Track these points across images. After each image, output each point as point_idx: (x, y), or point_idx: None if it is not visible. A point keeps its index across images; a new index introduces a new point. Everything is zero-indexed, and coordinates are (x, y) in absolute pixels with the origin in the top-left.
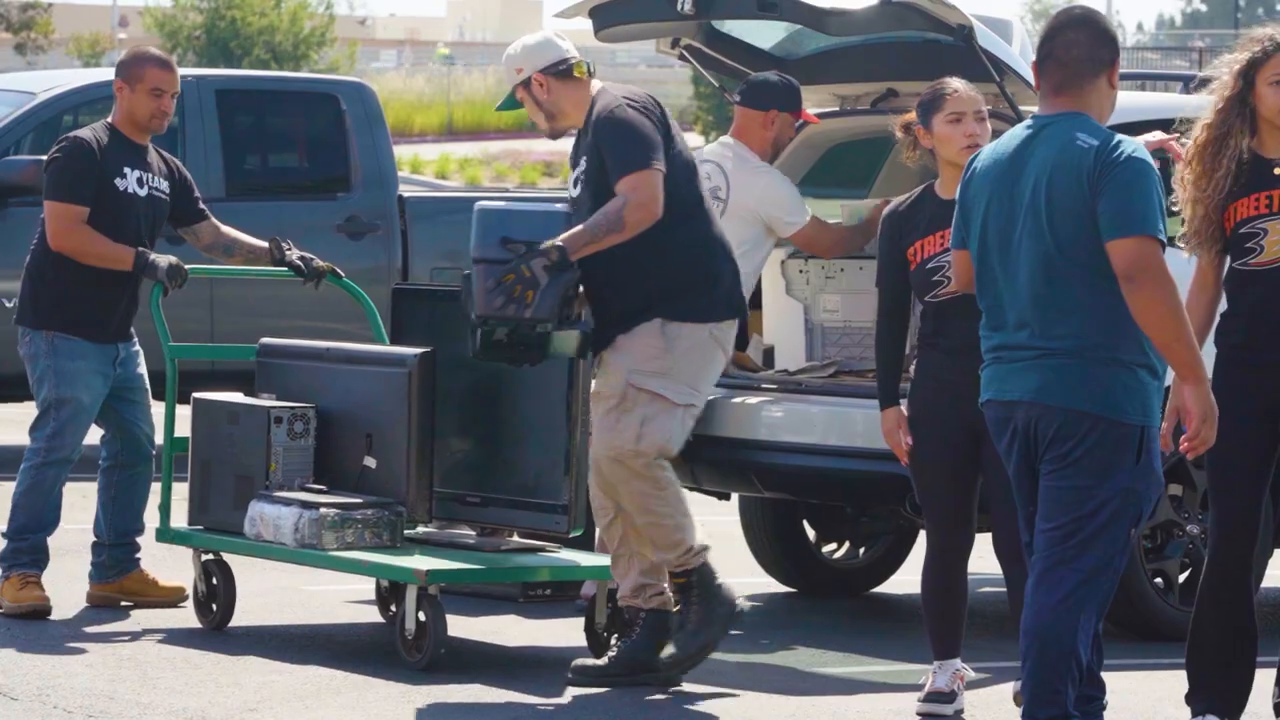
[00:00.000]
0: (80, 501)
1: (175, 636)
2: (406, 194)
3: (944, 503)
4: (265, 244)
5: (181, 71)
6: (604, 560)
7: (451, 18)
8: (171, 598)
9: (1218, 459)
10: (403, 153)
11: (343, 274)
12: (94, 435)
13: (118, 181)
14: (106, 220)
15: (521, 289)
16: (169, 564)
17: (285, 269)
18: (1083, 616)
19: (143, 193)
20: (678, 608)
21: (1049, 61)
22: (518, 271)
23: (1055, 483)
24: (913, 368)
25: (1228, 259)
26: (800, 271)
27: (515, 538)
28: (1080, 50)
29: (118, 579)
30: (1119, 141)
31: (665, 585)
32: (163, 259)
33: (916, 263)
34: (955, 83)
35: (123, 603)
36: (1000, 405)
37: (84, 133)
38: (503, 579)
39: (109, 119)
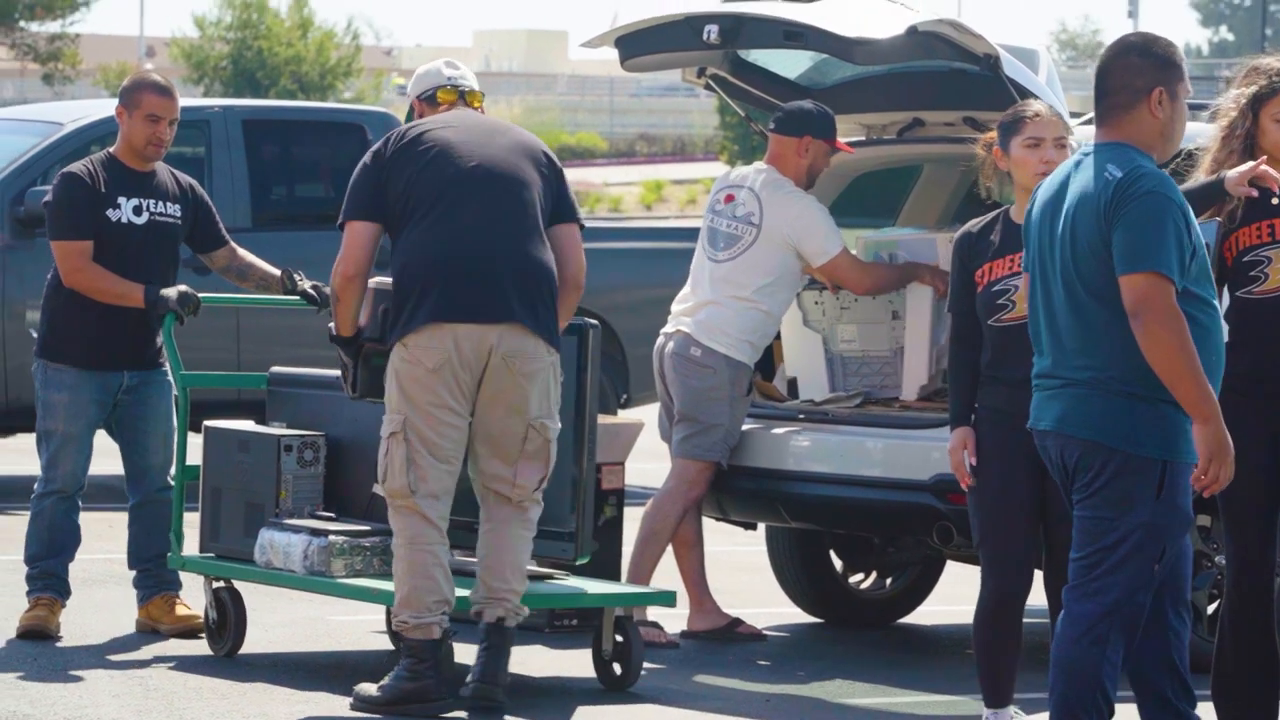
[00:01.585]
0: (108, 531)
1: (202, 665)
2: None
3: (1010, 545)
4: (278, 272)
5: (208, 102)
6: (611, 588)
7: (477, 48)
8: (181, 627)
9: (1227, 491)
10: None
11: None
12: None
13: (110, 213)
14: (98, 251)
15: (342, 375)
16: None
17: (298, 298)
18: (1107, 649)
19: (141, 220)
20: (442, 636)
21: (1095, 92)
22: (339, 360)
23: (1080, 512)
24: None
25: (1226, 290)
26: (816, 303)
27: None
28: (1115, 80)
29: (143, 605)
30: (1142, 175)
31: (425, 617)
32: (172, 290)
33: (983, 285)
34: (1037, 105)
35: (158, 629)
36: (1037, 434)
37: (77, 166)
38: None
39: (110, 148)
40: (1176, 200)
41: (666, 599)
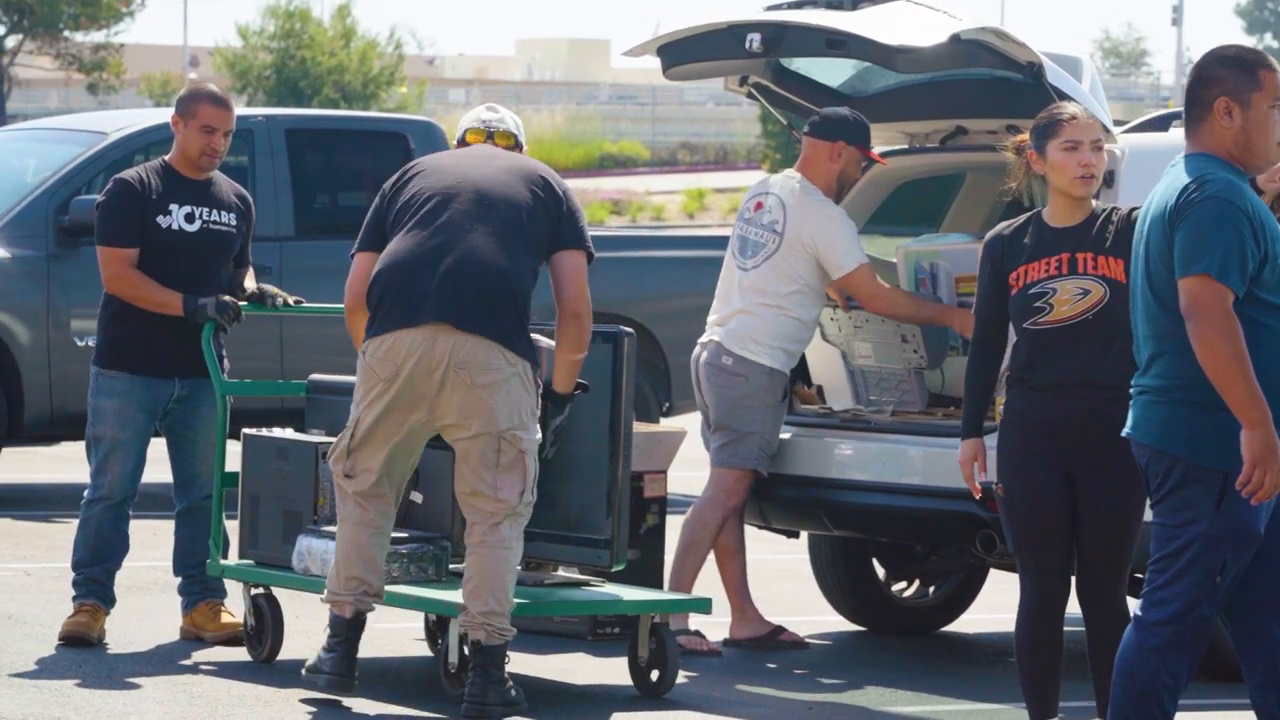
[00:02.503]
0: (153, 539)
1: (244, 672)
2: None
3: (1044, 553)
4: (252, 288)
5: (252, 111)
6: (646, 595)
7: (520, 57)
8: (225, 634)
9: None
10: None
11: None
12: (166, 473)
13: (160, 219)
14: (148, 258)
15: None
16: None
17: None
18: (1168, 658)
19: (193, 228)
20: (353, 616)
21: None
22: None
23: (1153, 519)
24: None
25: None
26: (831, 319)
27: (559, 572)
28: (1191, 91)
29: (187, 612)
30: (1207, 182)
31: (340, 594)
32: (210, 299)
33: (1018, 288)
34: (1073, 108)
35: (201, 636)
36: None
37: (130, 173)
38: (544, 613)
39: (166, 156)
40: (1243, 207)
41: (702, 605)
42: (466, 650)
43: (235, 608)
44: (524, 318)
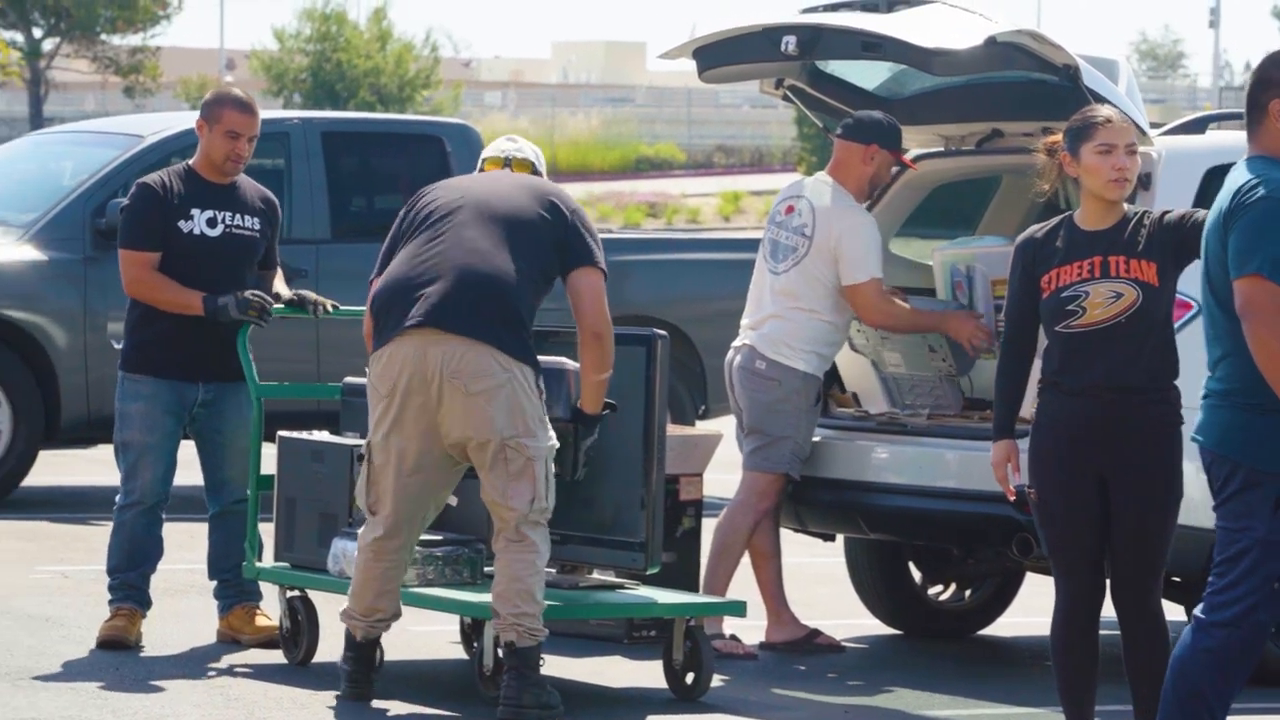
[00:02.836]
0: (189, 541)
1: (281, 674)
2: None
3: (1078, 556)
4: (288, 294)
5: (288, 114)
6: (680, 598)
7: (556, 59)
8: (261, 637)
9: None
10: None
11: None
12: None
13: (182, 224)
14: (170, 262)
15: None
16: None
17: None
18: (1221, 660)
19: (214, 232)
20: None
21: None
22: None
23: (1216, 522)
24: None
25: None
26: (858, 330)
27: (594, 574)
28: (1249, 95)
29: (224, 616)
30: (1261, 183)
31: (354, 617)
32: (230, 296)
33: (1050, 291)
34: (1107, 111)
35: (238, 639)
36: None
37: (153, 177)
38: (579, 616)
39: (190, 160)
40: None
41: (737, 608)
42: (501, 653)
43: (271, 610)
44: (518, 323)
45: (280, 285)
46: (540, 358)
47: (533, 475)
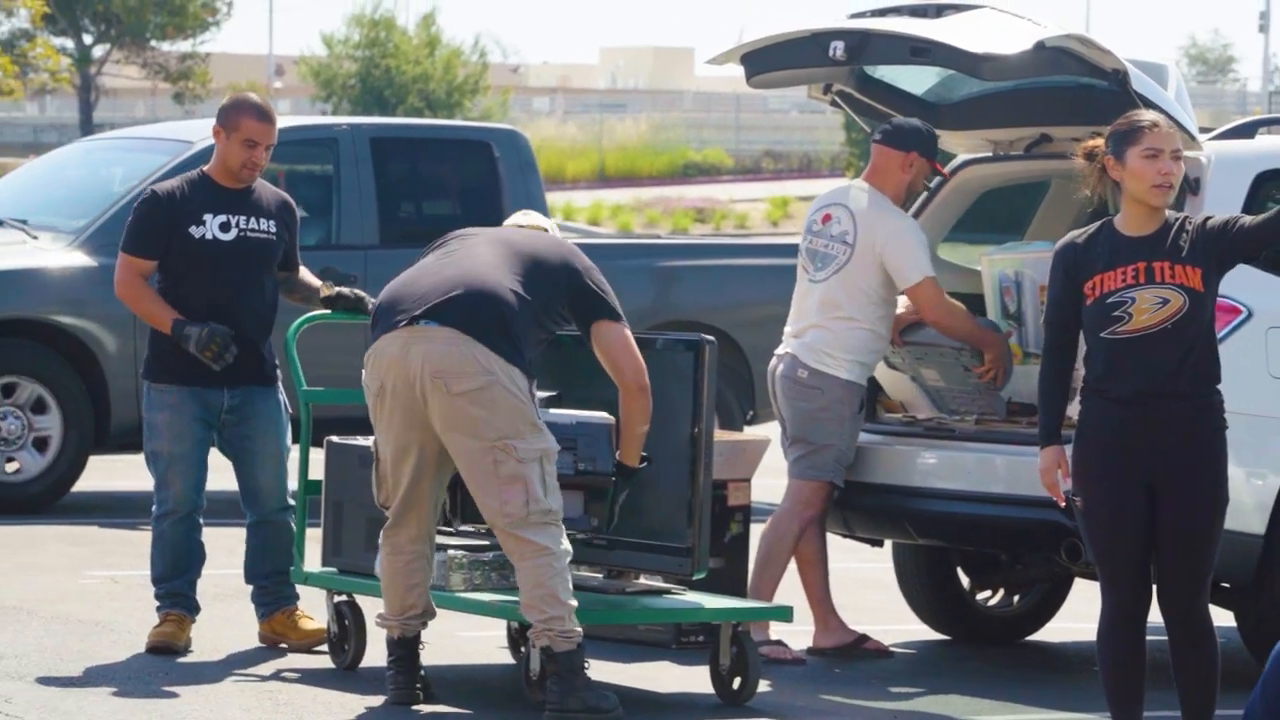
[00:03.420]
0: (238, 546)
1: (328, 679)
2: None
3: (1124, 562)
4: (318, 284)
5: (336, 120)
6: (727, 603)
7: (604, 65)
8: (308, 641)
9: None
10: (555, 200)
11: None
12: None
13: (193, 229)
14: (181, 267)
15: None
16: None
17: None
18: None
19: (228, 236)
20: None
21: None
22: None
23: None
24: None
25: None
26: (894, 351)
27: (641, 580)
28: None
29: (265, 620)
30: None
31: (389, 618)
32: (196, 329)
33: (1094, 297)
34: (1154, 115)
35: (281, 644)
36: None
37: (164, 185)
38: (625, 621)
39: (205, 166)
40: None
41: (783, 614)
42: (544, 659)
43: (314, 612)
44: (510, 332)
45: (309, 277)
46: (580, 412)
47: (524, 478)
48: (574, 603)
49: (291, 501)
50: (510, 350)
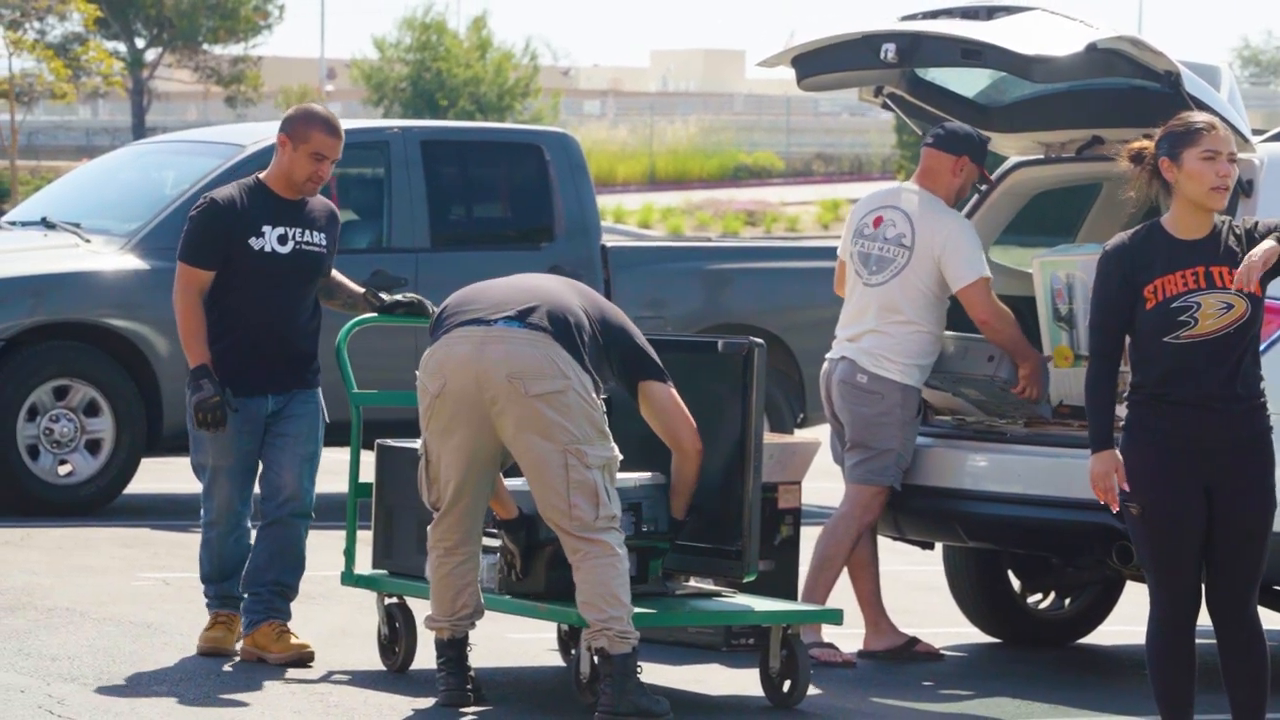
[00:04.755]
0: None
1: (378, 681)
2: (610, 244)
3: (1178, 565)
4: (361, 290)
5: (387, 123)
6: (778, 605)
7: (655, 68)
8: (290, 655)
9: None
10: (606, 202)
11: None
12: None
13: (253, 241)
14: (240, 279)
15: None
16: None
17: (394, 315)
18: None
19: (285, 249)
20: (450, 639)
21: None
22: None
23: None
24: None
25: None
26: (933, 375)
27: (691, 582)
28: None
29: (250, 631)
30: None
31: (438, 619)
32: (209, 392)
33: (1156, 301)
34: (1208, 117)
35: (264, 657)
36: None
37: (223, 191)
38: (676, 623)
39: (260, 173)
40: None
41: (834, 616)
42: (596, 660)
43: (366, 614)
44: (583, 339)
45: (347, 282)
46: (636, 474)
47: (594, 484)
48: (632, 606)
49: (309, 510)
50: (580, 357)
